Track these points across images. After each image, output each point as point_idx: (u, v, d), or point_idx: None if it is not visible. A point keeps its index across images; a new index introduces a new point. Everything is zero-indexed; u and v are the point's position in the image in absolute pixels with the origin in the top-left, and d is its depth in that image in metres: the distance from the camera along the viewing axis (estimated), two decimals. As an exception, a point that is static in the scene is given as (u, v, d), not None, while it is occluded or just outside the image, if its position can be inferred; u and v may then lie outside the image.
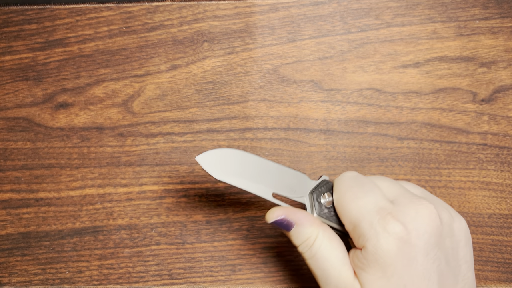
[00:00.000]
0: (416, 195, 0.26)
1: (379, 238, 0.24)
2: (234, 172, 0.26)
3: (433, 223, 0.24)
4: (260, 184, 0.27)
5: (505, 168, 0.34)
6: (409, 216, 0.24)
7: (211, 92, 0.36)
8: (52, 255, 0.34)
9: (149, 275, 0.34)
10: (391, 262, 0.24)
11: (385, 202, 0.25)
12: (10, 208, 0.35)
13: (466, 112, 0.35)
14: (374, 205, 0.25)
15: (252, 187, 0.27)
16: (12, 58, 0.36)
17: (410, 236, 0.24)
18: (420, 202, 0.25)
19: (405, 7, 0.36)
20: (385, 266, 0.24)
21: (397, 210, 0.24)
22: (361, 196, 0.25)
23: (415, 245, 0.24)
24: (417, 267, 0.24)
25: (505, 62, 0.35)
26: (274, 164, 0.27)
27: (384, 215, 0.24)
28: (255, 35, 0.36)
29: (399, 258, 0.24)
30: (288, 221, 0.26)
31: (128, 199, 0.35)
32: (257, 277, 0.34)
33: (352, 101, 0.35)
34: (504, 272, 0.34)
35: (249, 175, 0.27)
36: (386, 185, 0.27)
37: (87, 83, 0.36)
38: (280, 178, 0.27)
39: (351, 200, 0.25)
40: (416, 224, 0.24)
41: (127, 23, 0.36)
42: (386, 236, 0.24)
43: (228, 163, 0.26)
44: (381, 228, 0.24)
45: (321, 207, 0.27)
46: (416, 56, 0.35)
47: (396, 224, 0.24)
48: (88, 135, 0.35)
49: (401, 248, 0.24)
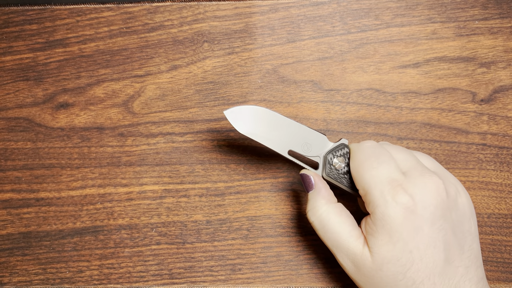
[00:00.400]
0: (427, 169, 0.28)
1: (387, 206, 0.26)
2: (257, 128, 0.29)
3: (439, 196, 0.26)
4: (279, 141, 0.29)
5: (505, 168, 0.35)
6: (418, 188, 0.26)
7: (211, 92, 0.36)
8: (52, 254, 0.35)
9: (150, 275, 0.34)
10: (396, 228, 0.26)
11: (397, 174, 0.27)
12: (10, 208, 0.35)
13: (465, 112, 0.35)
14: (386, 176, 0.27)
15: (271, 143, 0.29)
16: (12, 58, 0.36)
17: (416, 207, 0.26)
18: (430, 176, 0.27)
19: (405, 8, 0.36)
20: (391, 232, 0.26)
21: (407, 182, 0.26)
22: (376, 166, 0.27)
23: (421, 215, 0.26)
24: (423, 235, 0.26)
25: (505, 62, 0.35)
26: (296, 123, 0.30)
27: (394, 186, 0.26)
28: (255, 36, 0.36)
29: (405, 226, 0.26)
30: (311, 182, 0.30)
31: (129, 199, 0.35)
32: (257, 276, 0.34)
33: (352, 101, 0.35)
34: (504, 272, 0.34)
35: (270, 132, 0.29)
36: (401, 157, 0.28)
37: (87, 83, 0.36)
38: (300, 137, 0.29)
39: (366, 170, 0.27)
40: (423, 197, 0.26)
41: (128, 24, 0.36)
42: (394, 205, 0.26)
43: (252, 119, 0.29)
44: (390, 197, 0.26)
45: (331, 169, 0.30)
46: (416, 56, 0.36)
47: (404, 195, 0.26)
48: (89, 135, 0.35)
49: (407, 217, 0.26)
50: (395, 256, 0.26)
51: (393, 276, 0.26)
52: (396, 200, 0.26)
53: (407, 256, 0.26)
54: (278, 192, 0.35)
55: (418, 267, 0.26)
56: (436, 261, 0.26)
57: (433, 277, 0.26)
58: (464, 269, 0.26)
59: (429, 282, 0.26)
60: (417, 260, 0.26)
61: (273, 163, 0.35)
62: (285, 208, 0.35)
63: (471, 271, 0.27)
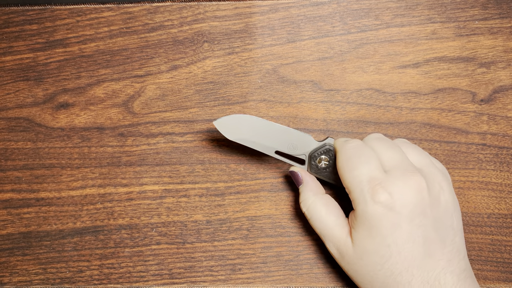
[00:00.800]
0: (412, 167, 0.29)
1: (366, 204, 0.28)
2: (244, 134, 0.31)
3: (419, 195, 0.27)
4: (266, 143, 0.32)
5: (504, 168, 0.35)
6: (397, 187, 0.27)
7: (211, 92, 0.36)
8: (52, 254, 0.35)
9: (150, 275, 0.34)
10: (375, 224, 0.27)
11: (377, 173, 0.28)
12: (11, 208, 0.35)
13: (465, 112, 0.35)
14: (366, 176, 0.28)
15: (259, 146, 0.32)
16: (13, 58, 0.36)
17: (395, 205, 0.27)
18: (412, 175, 0.28)
19: (405, 8, 0.36)
20: (370, 228, 0.28)
21: (387, 180, 0.28)
22: (357, 167, 0.29)
23: (399, 213, 0.27)
24: (401, 231, 0.27)
25: (504, 62, 0.35)
26: (282, 126, 0.31)
27: (373, 185, 0.28)
28: (255, 36, 0.36)
29: (383, 222, 0.27)
30: (299, 178, 0.32)
31: (129, 199, 0.35)
32: (257, 276, 0.34)
33: (352, 101, 0.35)
34: (504, 272, 0.34)
35: (257, 136, 0.31)
36: (387, 155, 0.29)
37: (87, 83, 0.36)
38: (286, 138, 0.32)
39: (348, 170, 0.29)
40: (402, 195, 0.27)
41: (128, 24, 0.36)
42: (372, 203, 0.27)
43: (240, 126, 0.31)
44: (369, 196, 0.28)
45: (316, 167, 0.32)
46: (416, 56, 0.36)
47: (383, 193, 0.27)
48: (89, 135, 0.36)
49: (385, 214, 0.27)
50: (373, 248, 0.28)
51: (372, 266, 0.28)
52: (375, 199, 0.27)
53: (385, 249, 0.28)
54: (278, 192, 0.35)
55: (396, 259, 0.27)
56: (415, 255, 0.27)
57: (412, 269, 0.27)
58: (446, 262, 0.27)
59: (407, 274, 0.27)
60: (395, 253, 0.27)
61: (273, 163, 0.35)
62: (285, 208, 0.35)
63: (453, 263, 0.28)
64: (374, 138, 0.31)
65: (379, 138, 0.31)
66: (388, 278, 0.28)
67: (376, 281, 0.28)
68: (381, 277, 0.28)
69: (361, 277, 0.29)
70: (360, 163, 0.29)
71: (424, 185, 0.28)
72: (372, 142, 0.30)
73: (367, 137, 0.31)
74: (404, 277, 0.27)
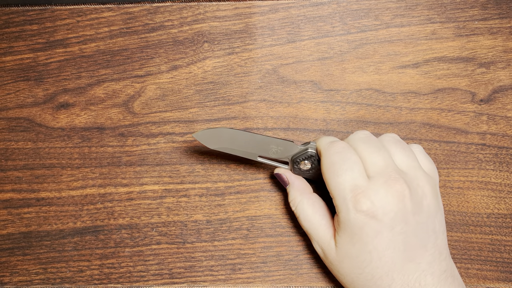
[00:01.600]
0: (395, 173, 0.28)
1: (349, 213, 0.28)
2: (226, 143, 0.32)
3: (401, 203, 0.27)
4: (248, 150, 0.32)
5: (504, 168, 0.35)
6: (379, 195, 0.27)
7: (211, 92, 0.36)
8: (53, 254, 0.35)
9: (150, 275, 0.34)
10: (356, 232, 0.28)
11: (360, 180, 0.28)
12: (11, 208, 0.35)
13: (465, 112, 0.35)
14: (349, 183, 0.28)
15: (241, 152, 0.32)
16: (13, 58, 0.36)
17: (377, 213, 0.27)
18: (394, 182, 0.28)
19: (404, 8, 0.36)
20: (352, 235, 0.28)
21: (370, 189, 0.28)
22: (340, 173, 0.28)
23: (381, 221, 0.27)
24: (382, 238, 0.27)
25: (504, 62, 0.35)
26: (261, 136, 0.31)
27: (356, 194, 0.28)
28: (255, 36, 0.36)
29: (364, 230, 0.28)
30: (284, 179, 0.33)
31: (129, 199, 0.35)
32: (257, 276, 0.34)
33: (352, 101, 0.35)
34: (503, 272, 0.34)
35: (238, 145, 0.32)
36: (372, 160, 0.29)
37: (88, 83, 0.36)
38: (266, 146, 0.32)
39: (331, 176, 0.29)
40: (384, 203, 0.27)
41: (128, 24, 0.36)
42: (354, 212, 0.28)
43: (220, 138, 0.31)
44: (351, 205, 0.28)
45: (300, 170, 0.32)
46: (415, 56, 0.36)
47: (365, 202, 0.27)
48: (89, 135, 0.36)
49: (367, 223, 0.27)
50: (354, 253, 0.28)
51: (353, 269, 0.29)
52: (357, 207, 0.27)
53: (366, 255, 0.28)
54: (278, 192, 0.35)
55: (376, 264, 0.28)
56: (395, 260, 0.28)
57: (392, 273, 0.28)
58: (427, 265, 0.28)
59: (387, 278, 0.28)
60: (376, 259, 0.28)
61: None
62: (285, 208, 0.35)
63: (434, 265, 0.28)
64: (359, 139, 0.30)
65: (364, 139, 0.30)
66: (369, 282, 0.28)
67: (357, 283, 0.29)
68: (362, 280, 0.29)
69: (343, 277, 0.30)
70: (344, 170, 0.28)
71: (407, 193, 0.27)
72: (357, 144, 0.30)
73: (352, 135, 0.31)
74: (385, 281, 0.28)
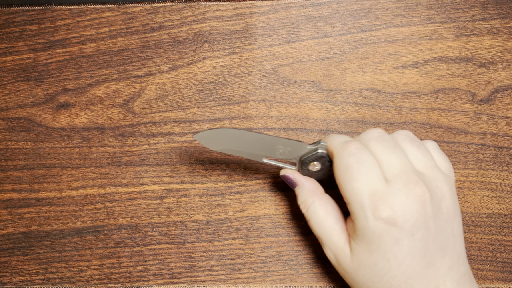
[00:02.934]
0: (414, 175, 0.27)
1: (367, 220, 0.26)
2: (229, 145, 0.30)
3: (421, 208, 0.26)
4: (253, 151, 0.30)
5: (504, 168, 0.35)
6: (399, 200, 0.26)
7: (212, 92, 0.36)
8: (53, 254, 0.35)
9: (150, 275, 0.34)
10: (375, 240, 0.26)
11: (379, 185, 0.26)
12: (11, 208, 0.35)
13: (465, 112, 0.35)
14: (367, 188, 0.26)
15: (245, 154, 0.30)
16: (13, 58, 0.36)
17: (397, 220, 0.26)
18: (415, 186, 0.26)
19: (404, 8, 0.36)
20: (370, 243, 0.26)
21: (389, 193, 0.26)
22: (357, 177, 0.27)
23: (402, 228, 0.26)
24: (402, 245, 0.26)
25: (504, 62, 0.35)
26: (268, 136, 0.30)
27: (374, 201, 0.26)
28: (255, 36, 0.36)
29: (383, 238, 0.26)
30: (293, 180, 0.31)
31: (129, 199, 0.35)
32: (257, 276, 0.34)
33: (352, 101, 0.36)
34: (503, 272, 0.34)
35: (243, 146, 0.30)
36: (389, 161, 0.27)
37: (88, 83, 0.36)
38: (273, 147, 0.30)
39: (347, 181, 0.27)
40: (404, 210, 0.26)
41: (128, 24, 0.36)
42: (373, 219, 0.26)
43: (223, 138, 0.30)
44: (370, 212, 0.26)
45: (308, 171, 0.31)
46: (415, 56, 0.36)
47: (384, 210, 0.26)
48: (89, 135, 0.36)
49: (386, 231, 0.26)
50: (372, 262, 0.27)
51: (370, 278, 0.27)
52: (376, 215, 0.26)
53: (384, 263, 0.26)
54: (278, 192, 0.35)
55: (395, 272, 0.26)
56: (414, 267, 0.26)
57: (411, 280, 0.26)
58: (446, 270, 0.27)
59: (406, 285, 0.26)
60: (395, 267, 0.26)
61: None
62: (285, 208, 0.35)
63: (453, 270, 0.27)
64: (373, 138, 0.28)
65: (378, 138, 0.29)
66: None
67: None
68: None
69: (358, 285, 0.28)
70: (360, 174, 0.27)
71: (427, 196, 0.26)
72: (371, 143, 0.28)
73: (365, 134, 0.29)
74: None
